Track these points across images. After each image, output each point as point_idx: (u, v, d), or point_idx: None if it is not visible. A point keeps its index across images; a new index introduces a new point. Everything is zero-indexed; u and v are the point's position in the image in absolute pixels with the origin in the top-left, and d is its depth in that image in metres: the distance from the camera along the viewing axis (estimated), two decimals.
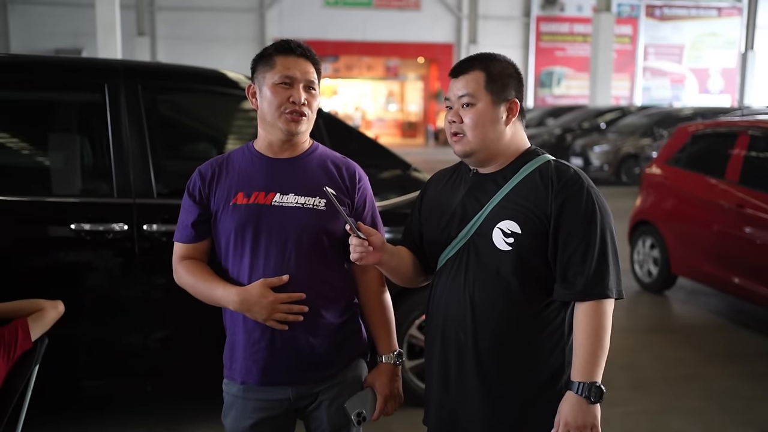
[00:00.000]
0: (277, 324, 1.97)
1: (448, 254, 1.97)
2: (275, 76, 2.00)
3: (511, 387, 1.90)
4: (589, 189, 1.87)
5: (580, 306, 1.85)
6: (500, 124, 1.92)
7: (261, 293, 1.95)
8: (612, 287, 1.84)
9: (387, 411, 2.15)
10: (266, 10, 27.33)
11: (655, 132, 15.55)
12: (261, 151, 2.09)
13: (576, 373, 1.83)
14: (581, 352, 1.83)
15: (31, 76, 3.47)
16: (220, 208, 2.04)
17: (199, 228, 2.09)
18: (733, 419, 3.98)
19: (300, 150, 2.10)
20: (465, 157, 1.96)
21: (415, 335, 3.79)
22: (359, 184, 2.12)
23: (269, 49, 2.06)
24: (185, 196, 2.10)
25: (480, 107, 1.90)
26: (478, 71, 1.92)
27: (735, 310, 6.21)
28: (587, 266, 1.82)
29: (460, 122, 1.92)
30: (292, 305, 1.97)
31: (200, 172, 2.10)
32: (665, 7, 30.63)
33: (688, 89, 31.21)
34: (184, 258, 2.11)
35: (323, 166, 2.09)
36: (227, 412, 2.12)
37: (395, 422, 3.23)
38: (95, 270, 3.27)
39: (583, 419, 1.81)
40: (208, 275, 2.06)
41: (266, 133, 2.07)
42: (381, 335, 2.17)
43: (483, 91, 1.90)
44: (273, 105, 2.00)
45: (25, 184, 3.47)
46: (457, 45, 28.61)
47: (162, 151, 3.56)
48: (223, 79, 3.82)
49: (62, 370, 3.22)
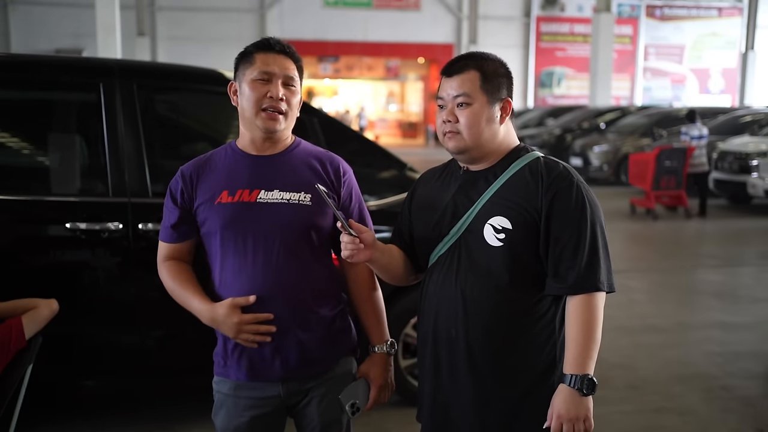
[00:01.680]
0: (247, 342, 1.99)
1: (440, 251, 1.98)
2: (254, 72, 2.01)
3: (504, 382, 1.91)
4: (578, 184, 1.89)
5: (572, 300, 1.87)
6: (495, 123, 1.94)
7: (227, 313, 1.97)
8: (603, 280, 1.86)
9: (380, 400, 2.17)
10: (266, 10, 27.35)
11: (654, 132, 15.56)
12: (243, 148, 2.09)
13: (568, 365, 1.85)
14: (573, 345, 1.85)
15: (27, 76, 3.48)
16: (204, 207, 2.04)
17: (180, 229, 2.10)
18: (728, 419, 3.99)
19: (282, 146, 2.10)
20: (458, 153, 1.96)
21: (410, 334, 3.79)
22: (344, 178, 2.13)
23: (250, 47, 2.07)
24: (167, 197, 2.11)
25: (476, 107, 1.91)
26: (473, 71, 1.93)
27: (731, 308, 6.22)
28: (578, 260, 1.84)
29: (456, 122, 1.93)
30: (259, 326, 1.98)
31: (182, 172, 2.10)
32: (665, 8, 30.62)
33: (688, 89, 31.21)
34: (168, 258, 2.13)
35: (307, 162, 2.10)
36: (217, 411, 2.13)
37: (390, 420, 3.23)
38: (90, 269, 3.28)
39: (576, 411, 1.82)
40: (187, 283, 2.08)
41: (247, 131, 2.08)
42: (372, 325, 2.18)
43: (479, 91, 1.91)
44: (251, 101, 2.01)
45: (21, 183, 3.48)
46: (458, 45, 28.61)
47: (157, 151, 3.57)
48: (219, 78, 3.82)
49: (57, 370, 3.23)
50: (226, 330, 1.99)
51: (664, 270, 7.72)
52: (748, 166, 11.58)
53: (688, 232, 10.16)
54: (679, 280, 7.24)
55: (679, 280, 7.24)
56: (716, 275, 7.53)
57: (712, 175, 12.32)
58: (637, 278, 7.23)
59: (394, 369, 2.26)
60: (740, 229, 10.68)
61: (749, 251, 9.41)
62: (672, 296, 6.63)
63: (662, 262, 8.07)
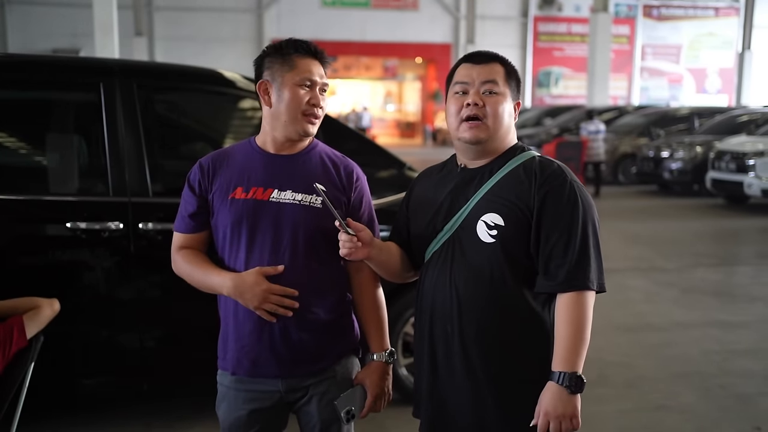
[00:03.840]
0: (266, 314, 2.00)
1: (434, 248, 2.00)
2: (296, 77, 2.03)
3: (498, 378, 1.92)
4: (572, 182, 1.90)
5: (561, 297, 1.87)
6: (512, 119, 1.99)
7: (255, 280, 1.98)
8: (593, 279, 1.86)
9: (376, 408, 2.17)
10: (264, 10, 27.34)
11: (652, 131, 15.60)
12: (262, 146, 2.12)
13: (557, 363, 1.85)
14: (562, 342, 1.85)
15: (27, 75, 3.49)
16: (218, 201, 2.07)
17: (197, 219, 2.11)
18: (726, 416, 4.00)
19: (300, 147, 2.12)
20: (474, 144, 1.95)
21: (409, 333, 3.81)
22: (356, 183, 2.15)
23: (287, 48, 2.06)
24: (185, 187, 2.13)
25: (503, 98, 1.96)
26: (499, 65, 1.98)
27: (728, 307, 6.24)
28: (569, 258, 1.85)
29: (483, 106, 1.93)
30: (284, 299, 1.99)
31: (201, 164, 2.13)
32: (662, 7, 30.66)
33: (685, 89, 31.26)
34: (182, 248, 2.14)
35: (322, 164, 2.12)
36: (220, 403, 2.15)
37: (389, 417, 3.25)
38: (91, 269, 3.28)
39: (563, 409, 1.82)
40: (204, 263, 2.09)
41: (273, 130, 2.09)
42: (373, 334, 2.19)
43: (506, 84, 1.96)
44: (292, 106, 2.03)
45: (21, 183, 3.48)
46: (455, 45, 28.63)
47: (157, 150, 3.57)
48: (219, 78, 3.84)
49: (58, 369, 3.24)
50: (251, 297, 1.98)
51: (661, 269, 7.73)
52: (745, 165, 11.61)
53: (686, 231, 10.18)
54: (676, 279, 7.25)
55: (677, 279, 7.26)
56: (714, 274, 7.54)
57: (709, 174, 12.49)
58: (635, 277, 7.24)
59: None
60: (737, 229, 10.71)
61: (746, 250, 9.44)
62: (670, 295, 6.65)
63: (660, 261, 8.08)
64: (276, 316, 2.00)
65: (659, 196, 14.15)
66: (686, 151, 13.62)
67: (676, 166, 13.70)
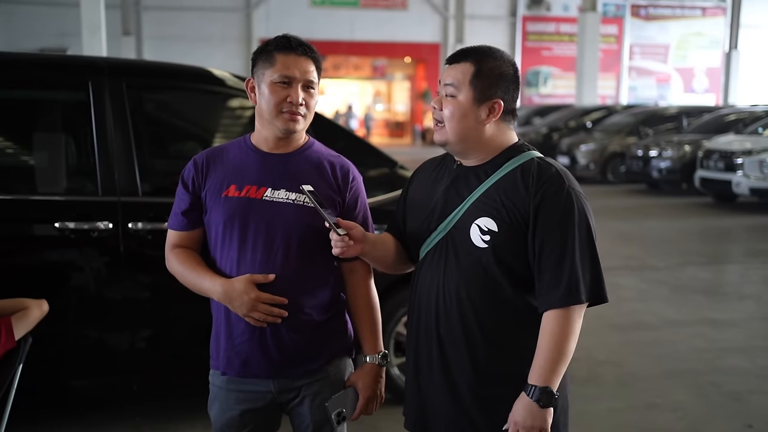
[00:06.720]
0: (256, 321, 1.98)
1: (428, 246, 1.98)
2: (274, 75, 1.99)
3: (477, 383, 1.89)
4: (569, 190, 1.83)
5: (548, 311, 1.82)
6: (477, 121, 1.89)
7: (244, 288, 1.96)
8: (583, 292, 1.80)
9: (367, 411, 2.15)
10: (253, 9, 27.25)
11: (640, 131, 15.66)
12: (257, 144, 2.09)
13: (532, 376, 1.81)
14: (540, 356, 1.81)
15: (15, 74, 3.45)
16: (211, 198, 2.05)
17: (191, 216, 2.09)
18: (717, 414, 4.01)
19: (295, 146, 2.10)
20: (442, 145, 1.96)
21: (401, 332, 3.79)
22: (352, 183, 2.12)
23: (270, 45, 2.04)
24: (179, 185, 2.11)
25: (460, 100, 1.88)
26: (468, 64, 1.88)
27: (718, 305, 6.26)
28: (559, 272, 1.79)
29: (440, 110, 1.91)
30: (272, 308, 1.97)
31: (195, 161, 2.11)
32: (650, 7, 30.79)
33: (673, 88, 31.38)
34: (176, 246, 2.12)
35: (317, 164, 2.10)
36: (212, 403, 2.14)
37: (381, 418, 3.23)
38: (80, 269, 3.25)
39: (531, 422, 1.79)
40: (197, 265, 2.07)
41: (264, 129, 2.07)
42: (366, 335, 2.16)
43: (467, 85, 1.87)
44: (270, 104, 2.00)
45: (9, 183, 3.44)
46: (444, 45, 28.63)
47: (147, 149, 3.54)
48: (209, 76, 3.81)
49: (47, 370, 3.20)
50: (239, 305, 1.97)
51: (651, 267, 7.75)
52: (733, 164, 11.66)
53: (676, 230, 10.22)
54: (666, 277, 7.28)
55: (667, 277, 7.28)
56: (703, 272, 7.57)
57: (698, 173, 12.52)
58: (626, 276, 7.27)
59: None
60: (726, 227, 10.76)
61: (735, 249, 9.49)
62: (660, 293, 6.67)
63: (650, 260, 8.11)
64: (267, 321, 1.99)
65: (648, 195, 14.21)
66: (675, 150, 13.66)
67: (664, 165, 13.74)
